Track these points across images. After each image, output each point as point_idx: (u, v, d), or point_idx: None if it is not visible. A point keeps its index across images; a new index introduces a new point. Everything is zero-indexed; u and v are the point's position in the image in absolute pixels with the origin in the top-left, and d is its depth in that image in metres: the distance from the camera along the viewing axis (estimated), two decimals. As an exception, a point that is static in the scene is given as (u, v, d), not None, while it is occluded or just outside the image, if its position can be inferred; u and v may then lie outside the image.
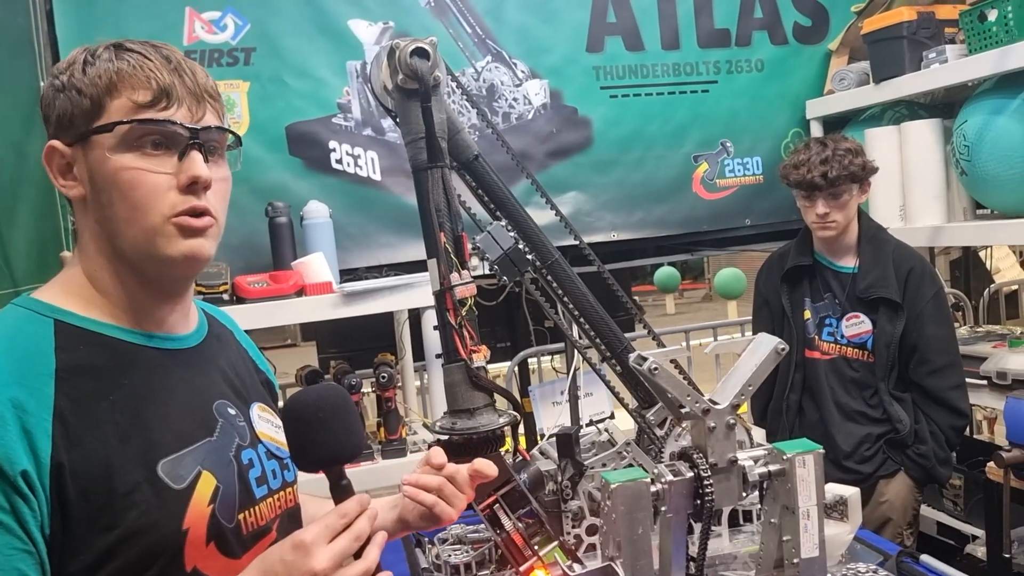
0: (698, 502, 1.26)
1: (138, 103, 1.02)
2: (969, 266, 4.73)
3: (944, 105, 3.37)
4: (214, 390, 1.13)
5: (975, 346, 3.01)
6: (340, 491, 1.03)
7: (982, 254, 4.83)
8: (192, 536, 1.01)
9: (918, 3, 3.09)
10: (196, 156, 1.04)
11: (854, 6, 3.48)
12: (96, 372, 1.00)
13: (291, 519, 1.20)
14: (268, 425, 1.20)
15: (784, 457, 1.28)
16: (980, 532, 2.99)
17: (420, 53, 1.51)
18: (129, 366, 1.03)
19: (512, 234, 1.67)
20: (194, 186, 1.03)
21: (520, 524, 1.49)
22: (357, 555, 0.99)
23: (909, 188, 3.12)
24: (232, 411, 1.13)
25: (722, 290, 11.49)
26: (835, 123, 3.49)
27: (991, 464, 2.38)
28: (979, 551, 2.89)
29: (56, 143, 1.04)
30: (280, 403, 1.25)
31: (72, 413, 0.95)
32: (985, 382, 2.84)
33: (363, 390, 2.58)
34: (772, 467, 1.29)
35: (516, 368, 3.54)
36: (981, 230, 3.06)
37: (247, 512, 1.10)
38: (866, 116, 3.38)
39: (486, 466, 1.30)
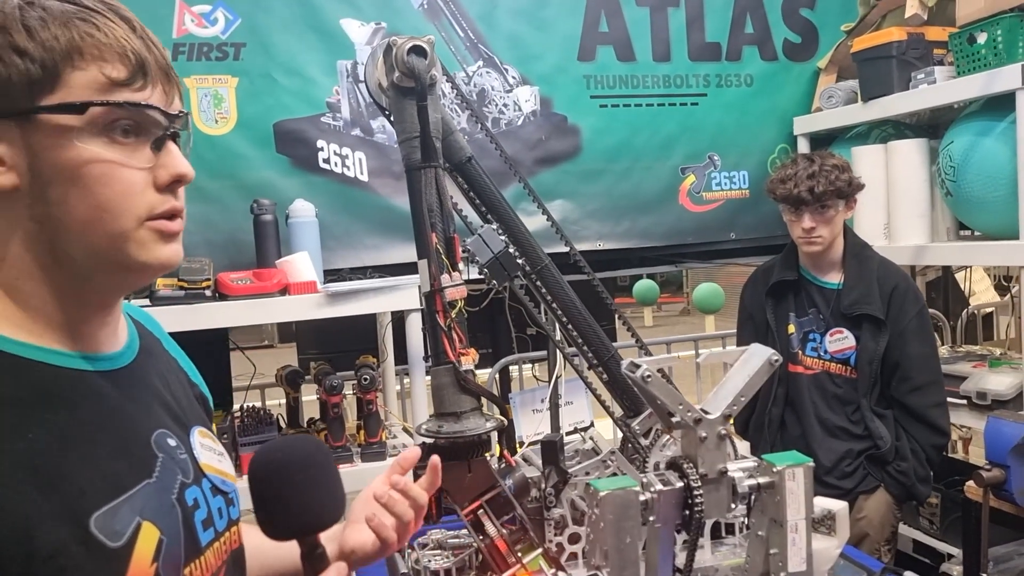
0: (687, 512, 1.25)
1: (112, 79, 0.82)
2: (947, 287, 4.77)
3: (929, 126, 3.40)
4: (151, 418, 0.92)
5: (955, 366, 3.03)
6: (316, 560, 0.92)
7: (958, 276, 4.88)
8: None
9: (908, 24, 3.12)
10: (174, 149, 0.88)
11: (844, 25, 3.51)
12: (12, 405, 0.79)
13: (236, 564, 1.03)
14: (211, 454, 1.01)
15: (774, 469, 1.27)
16: (956, 551, 3.01)
17: (417, 51, 1.50)
18: (52, 396, 0.82)
19: (503, 238, 1.66)
20: (175, 185, 0.87)
21: (504, 531, 1.47)
22: None
23: (894, 207, 3.14)
24: (172, 442, 0.93)
25: (700, 304, 11.55)
26: (822, 140, 3.51)
27: (970, 483, 2.39)
28: (955, 570, 2.91)
29: None
30: (212, 423, 1.10)
31: None
32: (964, 402, 2.86)
33: (344, 392, 2.55)
34: (761, 479, 1.28)
35: (497, 375, 3.52)
36: (964, 251, 3.08)
37: (193, 565, 0.91)
38: (853, 134, 3.40)
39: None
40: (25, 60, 0.79)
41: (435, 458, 1.23)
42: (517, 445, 2.56)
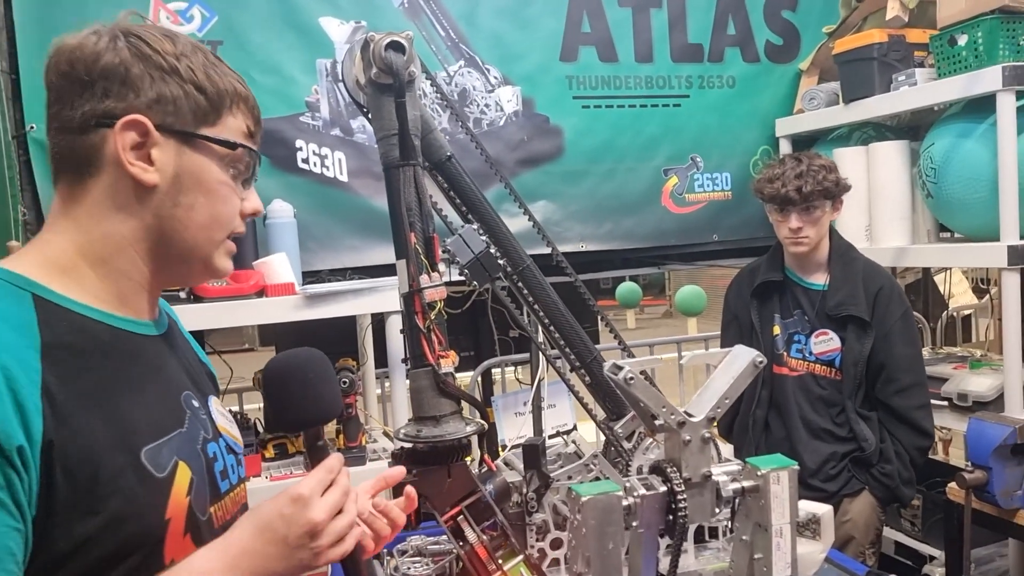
0: (670, 517, 1.23)
1: (249, 130, 1.06)
2: (927, 290, 4.79)
3: (910, 128, 3.40)
4: (180, 381, 1.10)
5: (936, 367, 3.03)
6: (319, 451, 1.07)
7: (938, 279, 4.91)
8: (173, 527, 0.98)
9: (889, 26, 3.12)
10: (254, 188, 1.10)
11: (825, 27, 3.52)
12: (79, 352, 0.95)
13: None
14: (224, 419, 1.18)
15: (758, 473, 1.25)
16: (938, 552, 3.01)
17: (395, 47, 1.46)
18: (109, 350, 0.99)
19: (484, 238, 1.62)
20: (252, 216, 1.11)
21: (484, 537, 1.44)
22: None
23: (875, 208, 3.14)
24: (196, 403, 1.10)
25: (682, 307, 11.57)
26: (804, 142, 3.51)
27: (952, 485, 2.39)
28: (937, 572, 2.91)
29: (145, 119, 0.97)
30: (220, 397, 1.25)
31: (59, 390, 0.90)
32: (946, 403, 2.86)
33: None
34: (746, 483, 1.26)
35: (480, 378, 3.49)
36: (945, 252, 3.09)
37: (216, 506, 1.08)
38: (834, 136, 3.40)
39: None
40: (200, 95, 1.01)
41: (411, 489, 1.25)
42: (500, 448, 2.54)
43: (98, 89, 0.97)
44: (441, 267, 1.54)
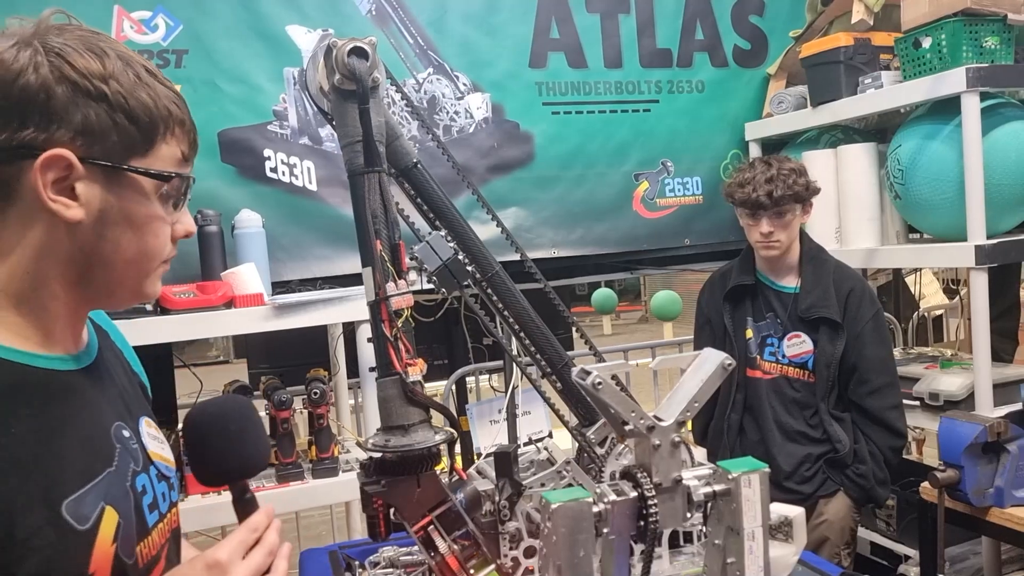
0: (641, 523, 1.21)
1: (183, 155, 0.99)
2: (898, 291, 4.84)
3: (878, 130, 3.44)
4: (112, 412, 1.02)
5: (907, 367, 3.05)
6: (245, 504, 1.02)
7: (909, 280, 4.95)
8: None
9: (855, 29, 3.15)
10: (186, 209, 1.03)
11: (792, 31, 3.54)
12: None
13: (175, 540, 1.14)
14: (156, 442, 1.10)
15: (729, 477, 1.24)
16: (913, 552, 3.02)
17: (358, 52, 1.44)
18: (30, 396, 0.92)
19: (452, 244, 1.61)
20: (184, 238, 1.04)
21: (456, 546, 1.42)
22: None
23: (845, 210, 3.16)
24: (127, 433, 1.03)
25: (658, 312, 11.60)
26: (773, 145, 3.53)
27: (925, 484, 2.40)
28: (912, 571, 2.92)
29: (68, 155, 0.89)
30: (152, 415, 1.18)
31: None
32: (918, 403, 2.88)
33: (294, 407, 2.48)
34: (717, 487, 1.25)
35: (453, 386, 3.47)
36: (914, 253, 3.12)
37: (142, 544, 1.01)
38: (803, 139, 3.43)
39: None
40: (132, 126, 0.92)
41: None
42: (475, 456, 2.52)
43: (15, 115, 0.88)
44: (411, 275, 1.52)
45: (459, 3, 3.13)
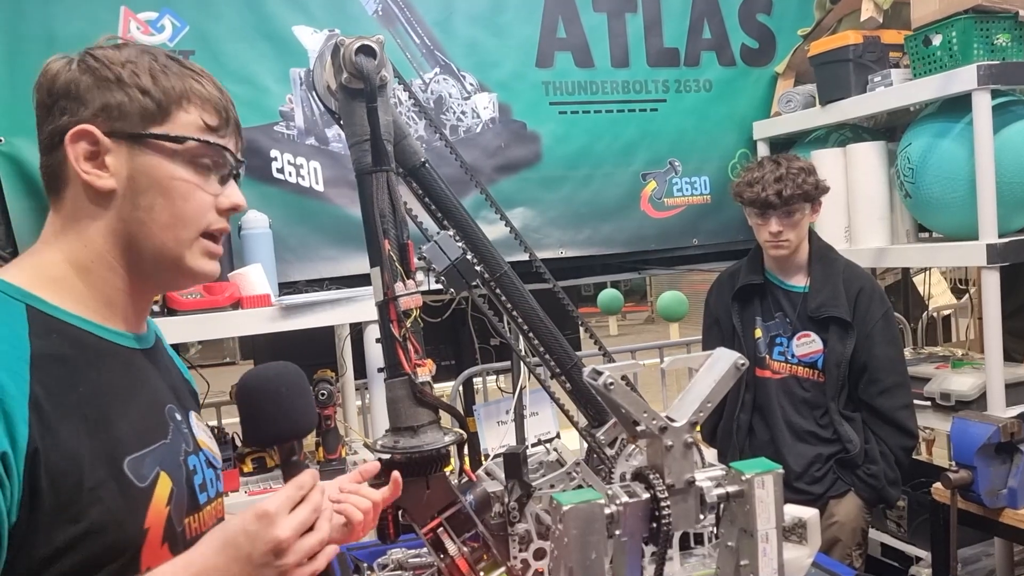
0: (654, 525, 1.20)
1: (207, 124, 1.06)
2: (907, 291, 4.81)
3: (887, 129, 3.42)
4: (165, 393, 1.13)
5: (918, 367, 3.02)
6: (293, 467, 1.07)
7: (916, 280, 4.92)
8: (151, 536, 1.00)
9: (864, 27, 3.13)
10: (235, 184, 1.11)
11: (801, 29, 3.52)
12: (67, 363, 0.99)
13: None
14: (204, 434, 1.19)
15: (743, 478, 1.23)
16: (924, 553, 3.00)
17: (366, 51, 1.44)
18: (97, 360, 1.02)
19: (460, 244, 1.60)
20: (231, 211, 1.10)
21: (465, 548, 1.41)
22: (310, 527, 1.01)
23: (854, 209, 3.14)
24: (179, 416, 1.13)
25: (664, 312, 11.57)
26: (781, 144, 3.51)
27: (938, 485, 2.37)
28: (924, 573, 2.89)
29: (92, 128, 1.01)
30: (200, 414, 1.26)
31: (46, 401, 0.93)
32: (929, 403, 2.86)
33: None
34: (730, 488, 1.24)
35: (461, 387, 3.46)
36: (924, 252, 3.09)
37: (192, 518, 1.09)
38: (812, 138, 3.40)
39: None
40: (145, 97, 1.03)
41: (396, 473, 1.24)
42: (482, 458, 2.50)
43: (56, 109, 1.03)
44: (419, 275, 1.51)
45: (466, 3, 3.12)
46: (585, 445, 1.69)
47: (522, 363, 1.92)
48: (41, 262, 1.04)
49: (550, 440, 1.97)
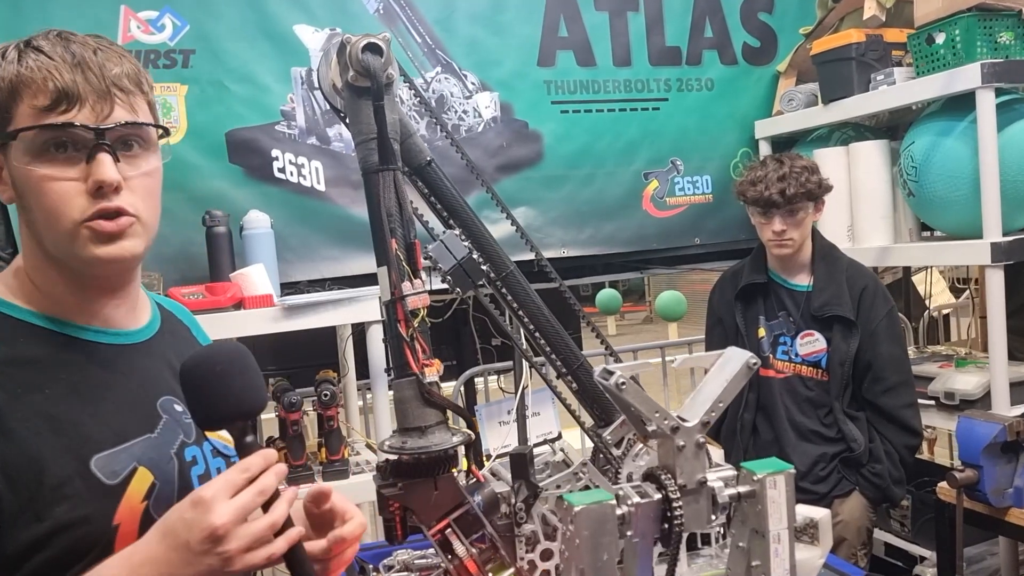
0: (665, 526, 1.19)
1: (38, 107, 0.99)
2: (908, 290, 4.80)
3: (890, 127, 3.41)
4: (160, 386, 1.12)
5: (921, 366, 3.02)
6: (245, 448, 1.01)
7: (916, 279, 4.92)
8: (123, 531, 1.01)
9: (866, 25, 3.12)
10: (103, 158, 1.00)
11: (802, 28, 3.52)
12: (33, 364, 1.01)
13: None
14: None
15: (755, 478, 1.22)
16: (928, 553, 2.99)
17: (373, 49, 1.42)
18: (67, 360, 1.03)
19: (466, 243, 1.59)
20: (101, 190, 1.01)
21: (474, 550, 1.40)
22: (265, 510, 0.97)
23: (857, 208, 3.13)
24: (179, 407, 1.12)
25: (663, 312, 11.57)
26: (783, 143, 3.50)
27: (943, 484, 2.37)
28: (928, 572, 2.89)
29: None
30: None
31: (5, 404, 0.96)
32: (933, 402, 2.85)
33: (304, 409, 2.46)
34: (742, 488, 1.23)
35: (462, 388, 3.44)
36: (927, 251, 3.08)
37: None
38: (814, 137, 3.40)
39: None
40: None
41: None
42: (484, 459, 2.49)
43: None
44: (422, 275, 1.50)
45: (467, 2, 3.11)
46: (588, 444, 1.68)
47: (525, 363, 1.91)
48: (10, 272, 1.07)
49: (554, 440, 1.96)
